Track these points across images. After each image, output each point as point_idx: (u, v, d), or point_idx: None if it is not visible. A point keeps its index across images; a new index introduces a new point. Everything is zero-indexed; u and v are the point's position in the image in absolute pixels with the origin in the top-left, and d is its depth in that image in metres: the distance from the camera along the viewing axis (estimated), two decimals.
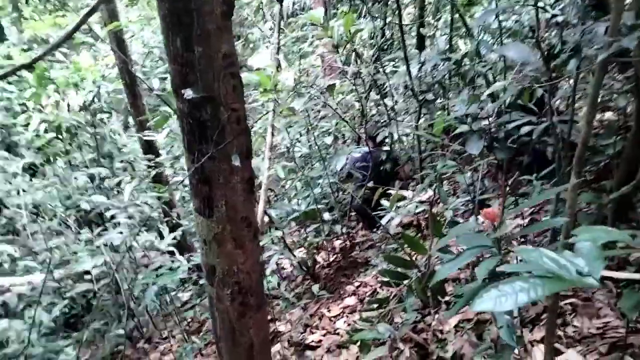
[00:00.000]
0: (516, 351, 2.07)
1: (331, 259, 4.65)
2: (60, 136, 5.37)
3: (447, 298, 3.00)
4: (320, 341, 3.25)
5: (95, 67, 5.65)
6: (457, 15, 6.03)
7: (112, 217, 4.16)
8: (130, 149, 5.22)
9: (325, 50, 6.87)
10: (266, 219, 4.03)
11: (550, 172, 3.30)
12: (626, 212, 2.82)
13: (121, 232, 3.49)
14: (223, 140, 1.63)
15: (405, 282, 2.86)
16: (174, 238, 5.26)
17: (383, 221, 3.40)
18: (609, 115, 4.21)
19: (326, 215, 4.09)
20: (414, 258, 3.07)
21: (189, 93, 1.56)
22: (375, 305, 2.92)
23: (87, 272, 3.19)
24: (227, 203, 1.71)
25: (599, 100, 1.68)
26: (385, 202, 3.45)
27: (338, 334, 3.25)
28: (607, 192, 3.06)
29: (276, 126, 4.95)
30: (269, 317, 2.94)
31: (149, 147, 5.22)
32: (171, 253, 5.33)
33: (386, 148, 5.00)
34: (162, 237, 5.71)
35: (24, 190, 4.33)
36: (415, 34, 5.94)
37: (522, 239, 3.19)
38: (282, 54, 5.75)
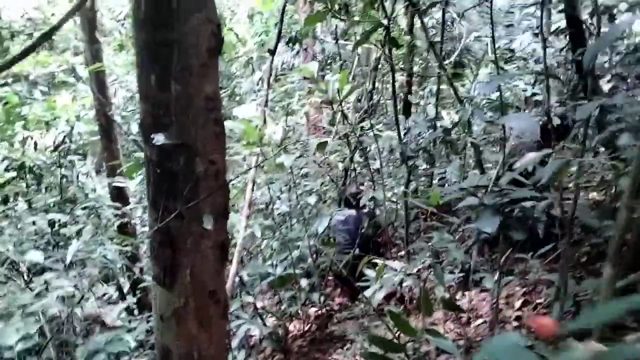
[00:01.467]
0: None
1: (305, 329, 4.26)
2: (23, 176, 5.00)
3: None
4: None
5: (71, 107, 5.39)
6: (443, 86, 6.08)
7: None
8: (97, 195, 4.87)
9: (311, 109, 6.80)
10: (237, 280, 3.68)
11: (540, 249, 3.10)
12: None
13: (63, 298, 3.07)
14: (196, 197, 1.36)
15: None
16: (135, 294, 4.81)
17: (367, 293, 3.10)
18: (593, 195, 4.10)
19: (303, 282, 3.76)
20: (399, 338, 2.75)
21: (159, 138, 1.31)
22: None
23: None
24: (194, 272, 1.41)
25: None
26: (369, 272, 3.17)
27: None
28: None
29: (257, 181, 4.70)
30: None
31: (119, 194, 4.88)
32: (130, 312, 4.85)
33: (366, 211, 4.78)
34: (121, 292, 5.24)
35: None
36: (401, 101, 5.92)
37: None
38: (269, 109, 5.63)
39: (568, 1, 3.39)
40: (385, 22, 2.92)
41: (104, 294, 5.03)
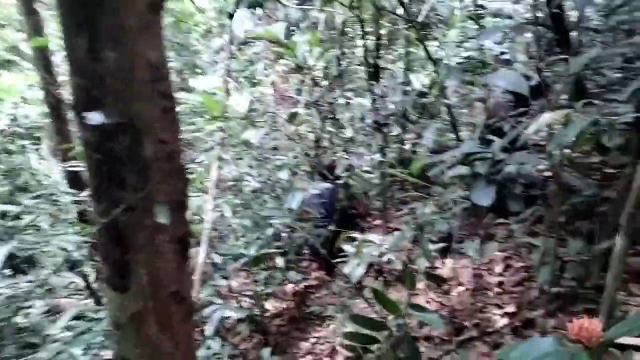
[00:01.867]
0: None
1: (283, 307, 4.15)
2: None
3: None
4: None
5: (15, 87, 4.96)
6: (411, 49, 5.88)
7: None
8: (52, 181, 4.53)
9: (277, 78, 6.50)
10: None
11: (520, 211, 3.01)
12: None
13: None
14: (146, 185, 1.15)
15: (375, 347, 2.42)
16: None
17: (346, 269, 2.97)
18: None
19: (279, 260, 3.60)
20: (383, 316, 2.65)
21: (95, 117, 1.09)
22: None
23: None
24: (151, 272, 1.21)
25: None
26: (348, 247, 3.03)
27: None
28: (589, 238, 2.81)
29: (224, 157, 4.47)
30: None
31: (74, 180, 4.55)
32: (97, 300, 4.61)
33: (341, 182, 4.63)
34: (87, 281, 4.97)
35: None
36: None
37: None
38: (232, 79, 5.33)
39: None
40: None
41: (71, 282, 4.77)
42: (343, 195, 4.52)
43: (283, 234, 3.82)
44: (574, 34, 3.73)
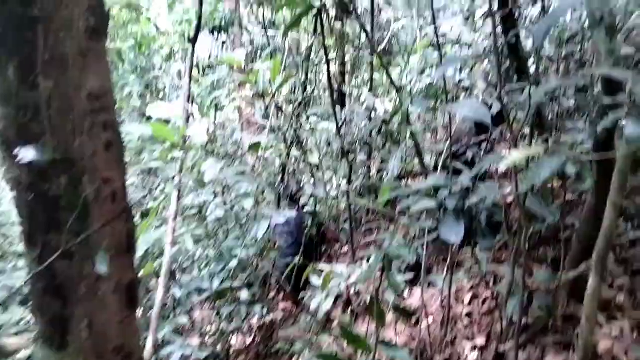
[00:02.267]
0: None
1: (248, 343, 3.96)
2: None
3: None
4: None
5: None
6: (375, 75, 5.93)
7: None
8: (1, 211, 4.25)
9: (242, 103, 6.42)
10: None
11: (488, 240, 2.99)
12: (582, 291, 2.54)
13: None
14: (87, 228, 1.03)
15: None
16: None
17: (313, 304, 2.85)
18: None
19: (244, 294, 3.44)
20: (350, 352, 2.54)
21: (28, 153, 0.96)
22: None
23: None
24: (92, 325, 1.08)
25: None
26: (315, 280, 2.92)
27: None
28: (554, 265, 2.81)
29: (187, 185, 4.31)
30: None
31: None
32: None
33: (308, 209, 4.53)
34: None
35: None
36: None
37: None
38: (195, 105, 5.20)
39: None
40: (317, 3, 2.65)
41: (21, 319, 4.45)
42: (310, 222, 4.41)
43: (248, 266, 3.68)
44: (530, 62, 3.84)
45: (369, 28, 4.83)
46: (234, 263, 3.50)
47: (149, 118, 3.70)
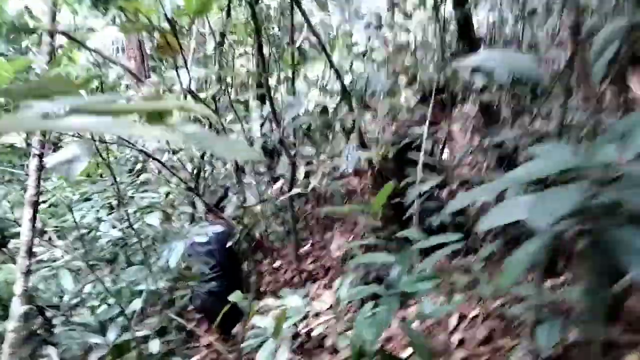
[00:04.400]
0: None
1: None
2: None
3: None
4: None
5: None
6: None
7: None
8: None
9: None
10: None
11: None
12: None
13: None
14: None
15: None
16: None
17: (259, 357, 1.97)
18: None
19: (153, 346, 2.45)
20: None
21: None
22: None
23: None
24: None
25: None
26: (260, 321, 2.05)
27: None
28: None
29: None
30: None
31: None
32: None
33: (233, 221, 3.64)
34: None
35: None
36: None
37: None
38: None
39: None
40: None
41: None
42: (239, 236, 3.52)
43: (158, 305, 2.69)
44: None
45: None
46: (137, 303, 2.51)
47: None
